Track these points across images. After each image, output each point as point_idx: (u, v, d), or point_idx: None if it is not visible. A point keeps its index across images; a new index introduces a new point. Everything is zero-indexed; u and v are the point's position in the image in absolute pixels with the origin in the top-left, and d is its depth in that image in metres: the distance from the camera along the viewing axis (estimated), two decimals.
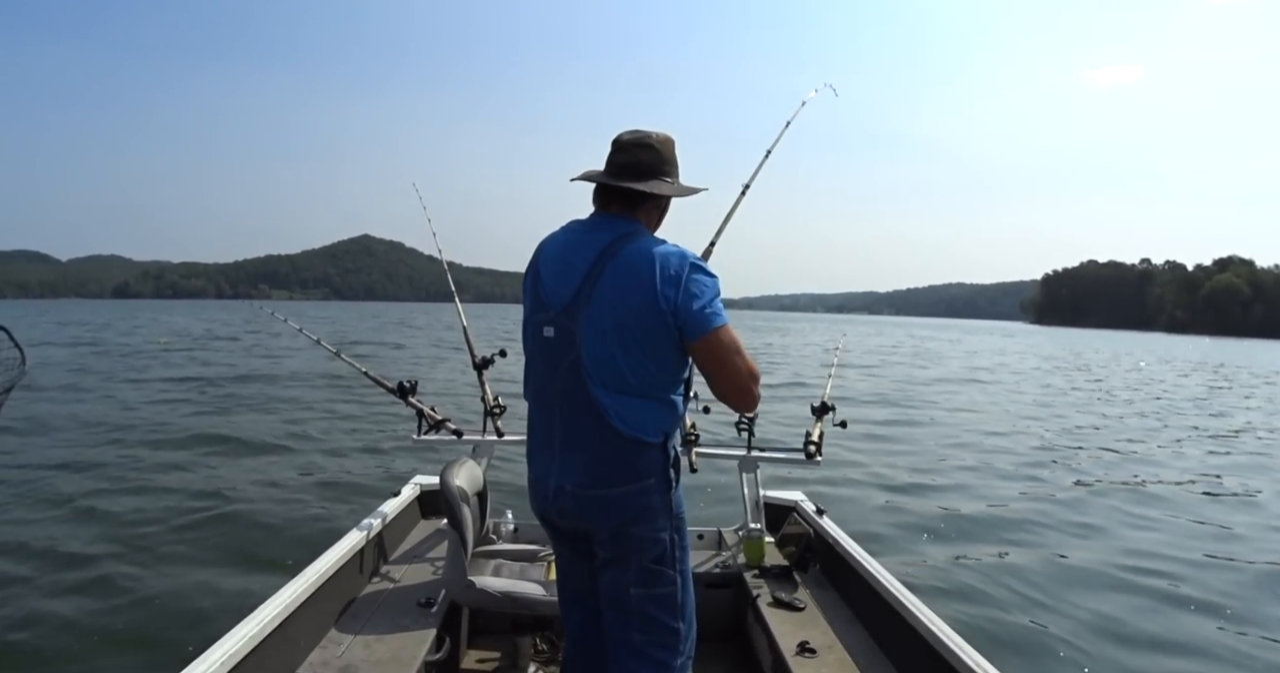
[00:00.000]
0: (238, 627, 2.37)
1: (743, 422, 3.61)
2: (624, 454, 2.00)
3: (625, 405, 1.98)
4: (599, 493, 2.02)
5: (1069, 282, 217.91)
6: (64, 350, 26.45)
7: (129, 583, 5.29)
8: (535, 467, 2.15)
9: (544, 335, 2.06)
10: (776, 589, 3.33)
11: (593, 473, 2.02)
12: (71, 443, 10.02)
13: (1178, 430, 14.98)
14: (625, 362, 1.97)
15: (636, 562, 2.06)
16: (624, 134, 2.11)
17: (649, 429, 2.01)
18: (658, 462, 2.04)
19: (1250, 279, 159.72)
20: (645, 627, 2.07)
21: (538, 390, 2.14)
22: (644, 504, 2.03)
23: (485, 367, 4.09)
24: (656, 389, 2.02)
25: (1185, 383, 28.05)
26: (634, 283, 1.95)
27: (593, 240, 2.05)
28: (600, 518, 2.05)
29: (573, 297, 2.01)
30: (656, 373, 2.01)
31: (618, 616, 2.11)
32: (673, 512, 2.08)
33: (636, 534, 2.04)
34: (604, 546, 2.09)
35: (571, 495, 2.05)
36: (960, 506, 8.10)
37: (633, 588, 2.06)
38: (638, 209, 2.10)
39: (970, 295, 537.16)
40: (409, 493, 4.06)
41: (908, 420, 14.52)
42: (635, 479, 2.02)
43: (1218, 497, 9.34)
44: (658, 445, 2.04)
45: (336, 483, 8.09)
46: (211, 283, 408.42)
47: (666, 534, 2.07)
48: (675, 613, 2.09)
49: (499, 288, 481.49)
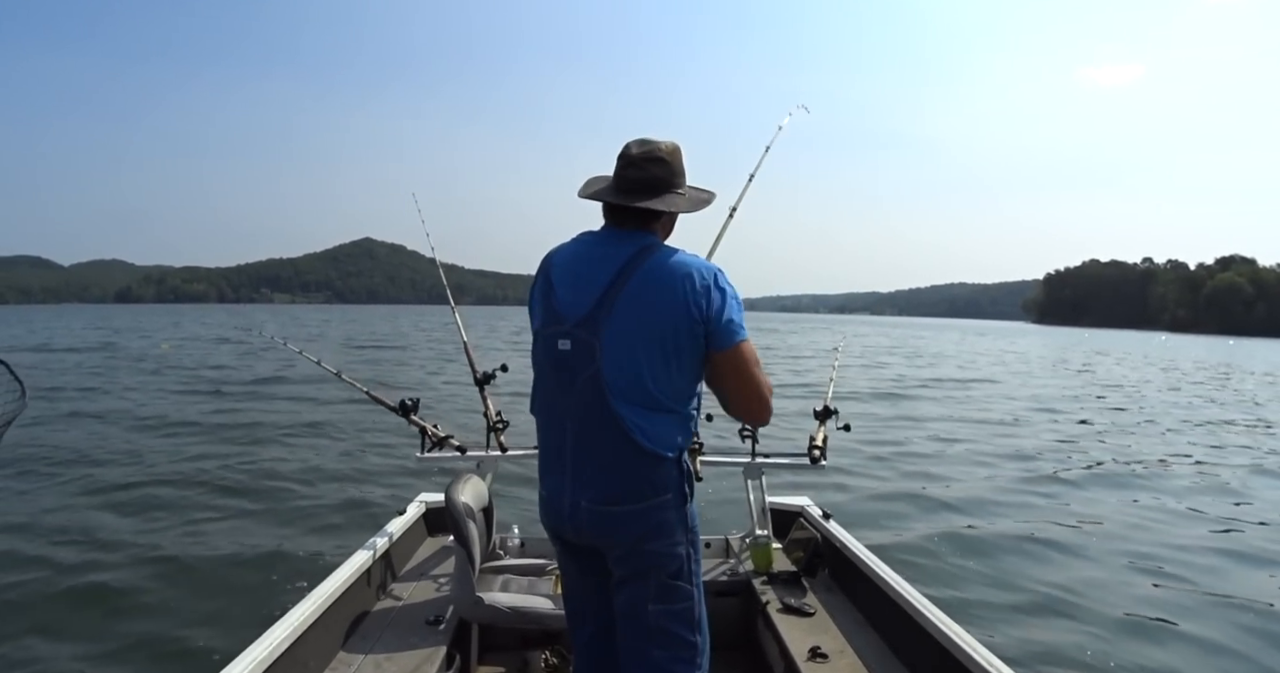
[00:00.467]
0: (247, 650, 2.36)
1: (746, 429, 3.61)
2: (642, 470, 1.98)
3: (647, 420, 1.96)
4: (616, 509, 2.00)
5: (1071, 281, 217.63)
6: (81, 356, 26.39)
7: (138, 597, 5.30)
8: (547, 483, 2.11)
9: (559, 349, 2.02)
10: (785, 595, 3.32)
11: (611, 489, 2.00)
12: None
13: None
14: (650, 374, 1.95)
15: (655, 579, 2.04)
16: (632, 146, 2.07)
17: (667, 444, 1.99)
18: (674, 477, 2.03)
19: (1252, 278, 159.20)
20: (664, 643, 2.06)
21: (548, 405, 2.10)
22: (661, 520, 2.02)
23: (487, 382, 4.06)
24: (677, 403, 2.01)
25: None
26: (667, 294, 1.95)
27: (612, 253, 2.03)
28: (617, 534, 2.03)
29: (592, 309, 1.98)
30: (679, 386, 2.00)
31: (635, 632, 2.08)
32: (689, 526, 2.07)
33: (653, 550, 2.03)
34: (619, 563, 2.07)
35: (588, 512, 2.02)
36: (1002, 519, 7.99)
37: (651, 604, 2.05)
38: (653, 223, 2.09)
39: (972, 295, 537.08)
40: (414, 511, 4.04)
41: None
42: (653, 495, 2.00)
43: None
44: (674, 460, 2.02)
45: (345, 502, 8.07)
46: (214, 287, 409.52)
47: (683, 549, 2.06)
48: (693, 627, 2.08)
49: (501, 290, 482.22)
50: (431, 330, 50.67)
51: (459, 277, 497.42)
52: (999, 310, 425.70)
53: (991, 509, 8.16)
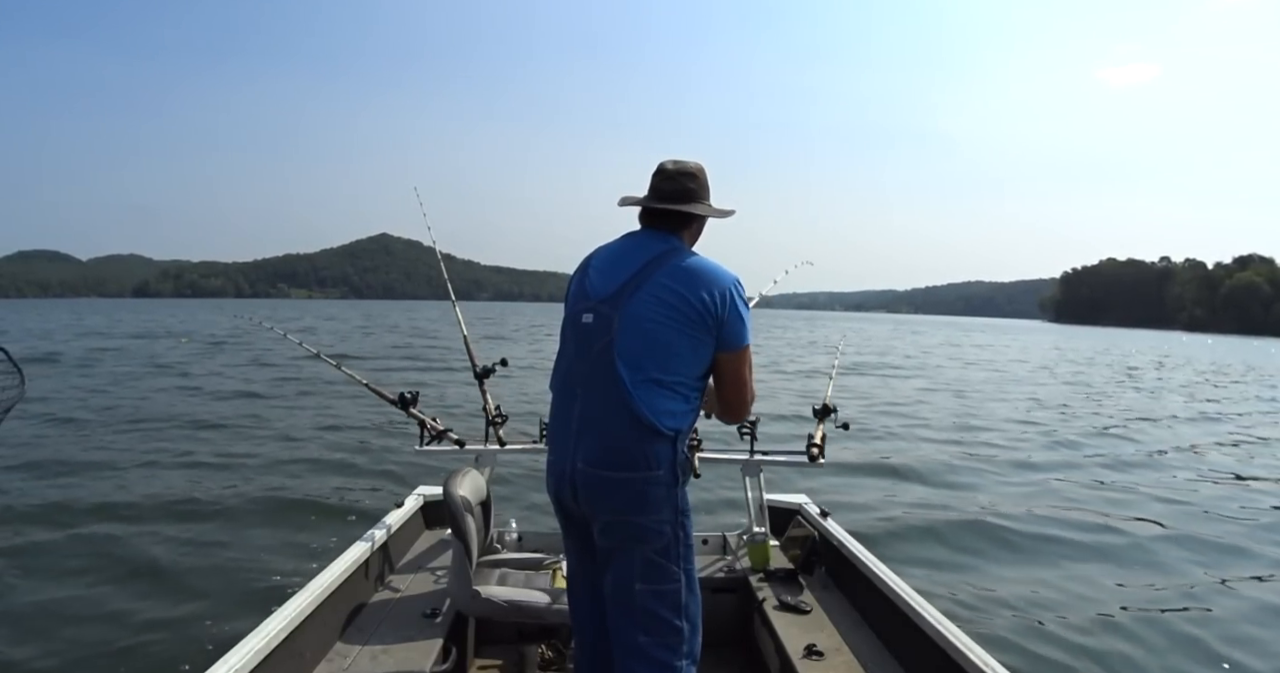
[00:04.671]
0: (243, 641, 2.38)
1: (745, 426, 3.61)
2: (637, 439, 2.10)
3: (648, 391, 2.11)
4: (608, 474, 2.12)
5: (1088, 279, 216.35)
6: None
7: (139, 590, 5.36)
8: (554, 450, 2.26)
9: (582, 322, 2.23)
10: (782, 593, 3.33)
11: (607, 454, 2.12)
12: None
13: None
14: (659, 352, 2.13)
15: (640, 554, 2.13)
16: (667, 163, 2.34)
17: (663, 419, 2.11)
18: (667, 454, 2.14)
19: (1271, 277, 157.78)
20: (649, 626, 2.13)
21: (565, 374, 2.27)
22: (650, 493, 2.12)
23: (486, 376, 4.07)
24: (679, 385, 2.15)
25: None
26: (690, 284, 2.16)
27: (646, 248, 2.26)
28: (607, 499, 2.13)
29: (618, 289, 2.20)
30: (684, 370, 2.16)
31: (623, 614, 2.17)
32: (678, 507, 2.17)
33: (639, 523, 2.12)
34: (605, 532, 2.17)
35: (583, 474, 2.14)
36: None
37: (638, 583, 2.13)
38: (682, 229, 2.34)
39: (989, 293, 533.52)
40: (412, 504, 4.06)
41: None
42: (645, 467, 2.11)
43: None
44: (669, 438, 2.14)
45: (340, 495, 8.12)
46: (231, 282, 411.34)
47: (670, 528, 2.15)
48: (679, 612, 2.16)
49: (517, 286, 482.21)
50: (470, 324, 50.74)
51: (475, 272, 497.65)
52: (1016, 309, 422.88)
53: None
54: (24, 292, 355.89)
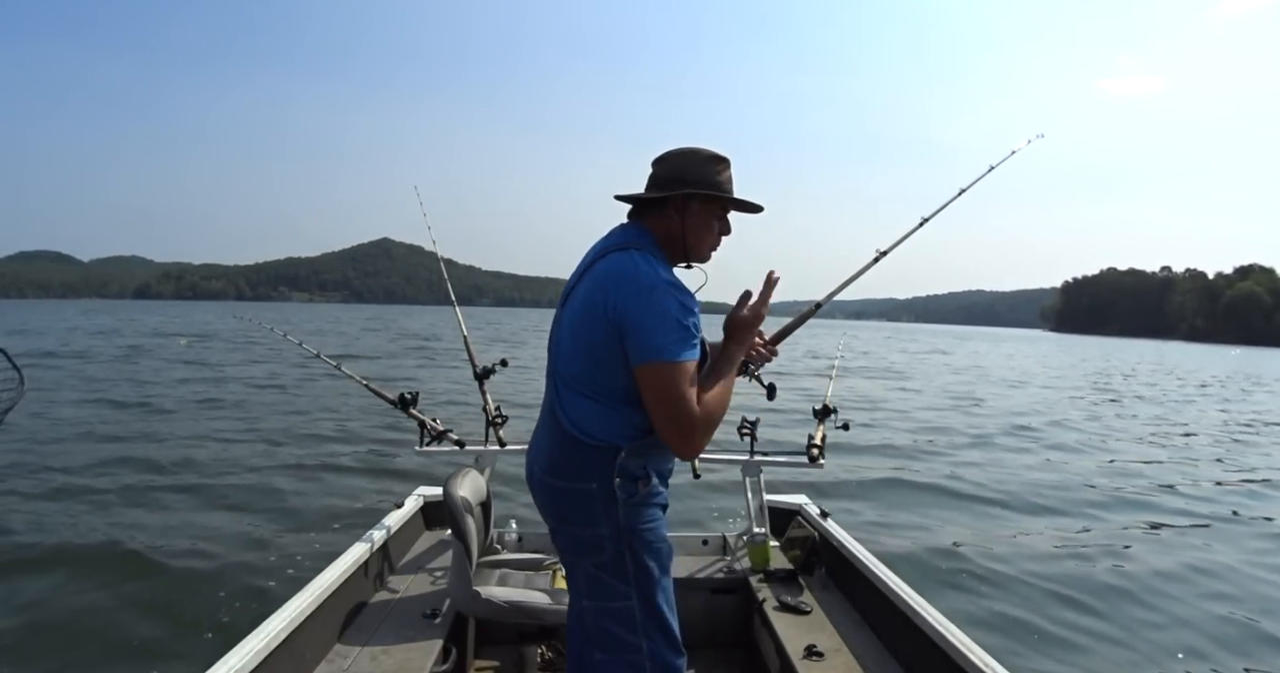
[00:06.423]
0: (243, 642, 2.36)
1: (745, 426, 3.61)
2: (567, 449, 2.02)
3: (575, 406, 2.01)
4: (550, 481, 2.06)
5: (1089, 289, 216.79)
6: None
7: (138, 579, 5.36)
8: (528, 452, 2.22)
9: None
10: (782, 593, 3.32)
11: (549, 460, 2.07)
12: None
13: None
14: (576, 358, 2.02)
15: (583, 568, 2.06)
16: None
17: (592, 433, 1.98)
18: (599, 468, 1.98)
19: (1271, 287, 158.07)
20: (604, 643, 2.05)
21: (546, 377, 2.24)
22: (584, 505, 2.01)
23: (486, 376, 4.07)
24: (609, 399, 1.98)
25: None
26: (599, 287, 1.97)
27: (599, 247, 2.11)
28: (548, 506, 2.09)
29: (567, 293, 2.13)
30: (606, 379, 1.97)
31: (583, 630, 2.12)
32: (620, 524, 1.99)
33: (576, 534, 2.04)
34: (554, 541, 2.14)
35: (538, 479, 2.11)
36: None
37: (586, 600, 2.07)
38: (645, 218, 2.12)
39: (990, 303, 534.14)
40: (412, 504, 4.05)
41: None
42: (578, 477, 2.00)
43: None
44: (603, 450, 1.98)
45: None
46: (232, 284, 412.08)
47: (610, 544, 2.00)
48: (633, 628, 2.02)
49: (518, 291, 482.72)
50: (475, 328, 50.82)
51: (477, 278, 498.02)
52: (1016, 318, 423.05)
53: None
54: (25, 292, 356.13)
